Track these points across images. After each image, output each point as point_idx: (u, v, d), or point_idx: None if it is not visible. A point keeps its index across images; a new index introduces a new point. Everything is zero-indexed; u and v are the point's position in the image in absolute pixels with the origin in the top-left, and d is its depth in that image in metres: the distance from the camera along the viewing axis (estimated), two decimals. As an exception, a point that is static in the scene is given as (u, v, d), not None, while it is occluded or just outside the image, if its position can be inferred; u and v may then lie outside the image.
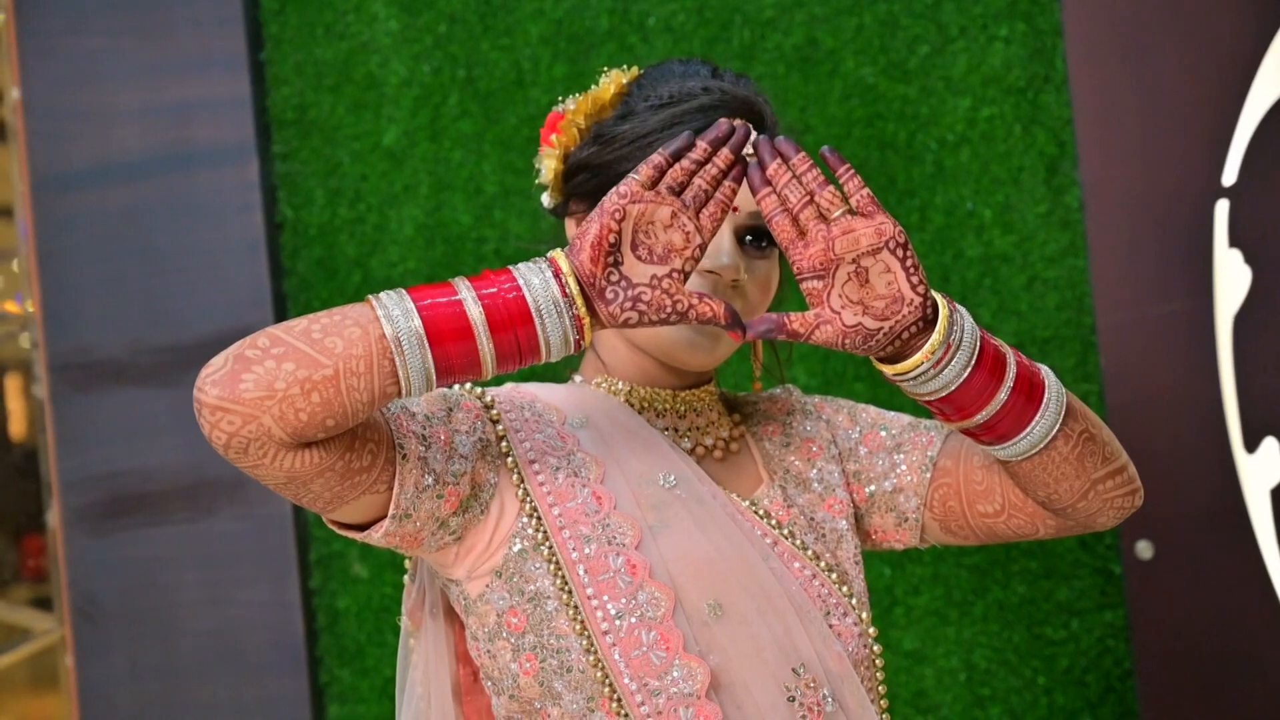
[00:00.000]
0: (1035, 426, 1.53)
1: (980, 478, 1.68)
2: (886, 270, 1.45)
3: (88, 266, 3.03)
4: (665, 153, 1.46)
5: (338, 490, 1.45)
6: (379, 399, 1.40)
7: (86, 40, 3.04)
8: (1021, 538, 1.71)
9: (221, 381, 1.37)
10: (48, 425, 3.04)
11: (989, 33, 2.85)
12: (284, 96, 3.04)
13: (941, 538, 1.75)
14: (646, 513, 1.57)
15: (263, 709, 2.95)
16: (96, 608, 3.00)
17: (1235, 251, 2.69)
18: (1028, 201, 2.83)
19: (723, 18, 2.92)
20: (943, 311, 1.48)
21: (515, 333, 1.41)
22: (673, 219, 1.45)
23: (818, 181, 1.47)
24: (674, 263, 1.45)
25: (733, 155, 1.47)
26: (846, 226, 1.45)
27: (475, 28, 2.99)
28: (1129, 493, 1.66)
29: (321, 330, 1.39)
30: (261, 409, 1.36)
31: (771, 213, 1.48)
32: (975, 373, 1.49)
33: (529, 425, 1.60)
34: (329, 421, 1.39)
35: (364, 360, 1.38)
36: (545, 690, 1.54)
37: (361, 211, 3.02)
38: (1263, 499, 2.66)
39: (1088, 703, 2.81)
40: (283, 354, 1.37)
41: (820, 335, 1.46)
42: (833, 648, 1.59)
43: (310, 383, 1.37)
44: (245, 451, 1.39)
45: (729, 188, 1.47)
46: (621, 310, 1.43)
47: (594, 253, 1.42)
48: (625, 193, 1.44)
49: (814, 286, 1.47)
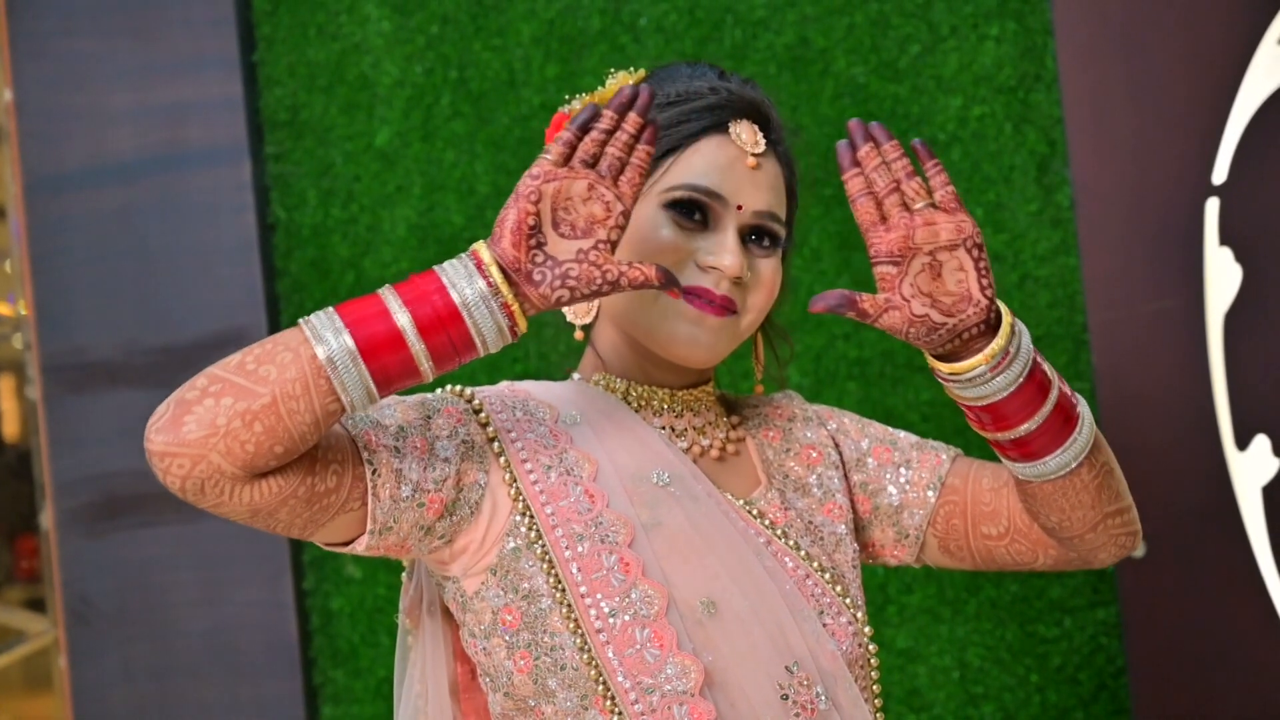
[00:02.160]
0: (1067, 450, 1.56)
1: (988, 499, 1.71)
2: (960, 268, 1.48)
3: (81, 267, 3.03)
4: (572, 127, 1.47)
5: (307, 516, 1.47)
6: (323, 419, 1.41)
7: (79, 41, 3.04)
8: (1019, 566, 1.74)
9: (165, 428, 1.39)
10: (41, 426, 3.05)
11: (980, 32, 2.86)
12: (276, 97, 3.04)
13: (938, 558, 1.77)
14: (640, 510, 1.57)
15: (257, 710, 2.95)
16: (90, 609, 3.00)
17: (1226, 250, 2.69)
18: (1019, 200, 2.83)
19: (714, 18, 2.92)
20: (1006, 319, 1.51)
21: (447, 333, 1.42)
22: (590, 191, 1.46)
23: (906, 170, 1.49)
24: (598, 234, 1.46)
25: (641, 119, 1.48)
26: (929, 218, 1.48)
27: (467, 28, 3.00)
28: (1131, 533, 1.69)
29: (255, 360, 1.41)
30: (207, 447, 1.38)
31: (857, 194, 1.50)
32: (1025, 385, 1.51)
33: (520, 424, 1.60)
34: (277, 448, 1.40)
35: (299, 383, 1.40)
36: (539, 688, 1.54)
37: (354, 212, 3.02)
38: (1254, 496, 2.67)
39: (1080, 700, 2.82)
40: (220, 390, 1.39)
41: (887, 320, 1.48)
42: (826, 646, 1.59)
43: (250, 413, 1.39)
44: (202, 491, 1.41)
45: (643, 151, 1.48)
46: (552, 290, 1.44)
47: (515, 238, 1.44)
48: (538, 173, 1.45)
49: (887, 271, 1.48)
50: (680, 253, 1.60)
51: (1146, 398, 2.72)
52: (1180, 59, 2.70)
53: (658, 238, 1.60)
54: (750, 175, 1.63)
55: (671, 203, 1.61)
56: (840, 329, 2.89)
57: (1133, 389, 2.73)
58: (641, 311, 1.62)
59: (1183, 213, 2.70)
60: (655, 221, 1.61)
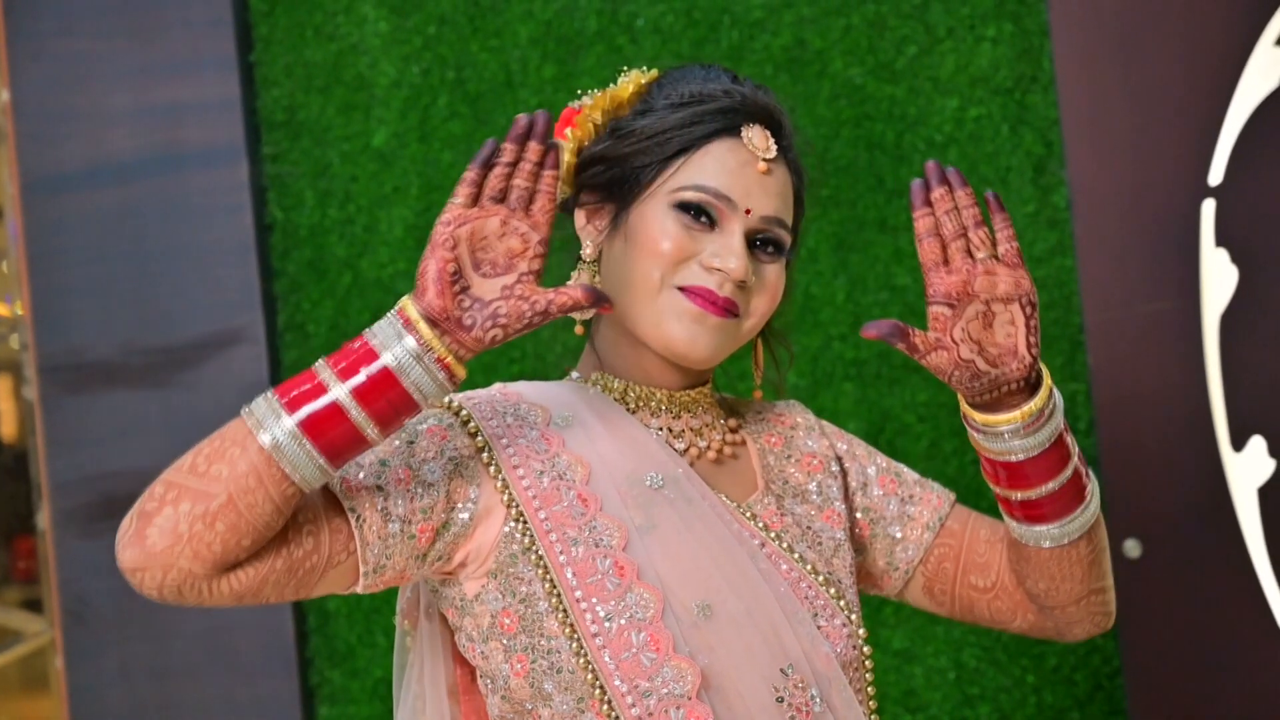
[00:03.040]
0: (1072, 521, 1.61)
1: (983, 550, 1.75)
2: (1011, 322, 1.52)
3: (78, 268, 3.03)
4: (474, 165, 1.47)
5: (294, 584, 1.48)
6: (283, 504, 1.43)
7: (77, 42, 3.04)
8: (994, 623, 1.78)
9: (130, 543, 1.41)
10: (38, 426, 3.05)
11: (976, 33, 2.86)
12: (274, 98, 3.05)
13: (919, 598, 1.80)
14: (634, 513, 1.57)
15: (254, 710, 2.95)
16: (87, 609, 3.00)
17: (1222, 251, 2.70)
18: (1015, 201, 2.84)
19: (711, 19, 2.93)
20: (1046, 381, 1.55)
21: (385, 398, 1.43)
22: (504, 226, 1.47)
23: (975, 219, 1.52)
24: (520, 268, 1.47)
25: (541, 145, 1.49)
26: (989, 268, 1.52)
27: (464, 29, 3.00)
28: (1107, 614, 1.74)
29: (206, 460, 1.42)
30: (174, 555, 1.41)
31: (924, 234, 1.52)
32: (1050, 450, 1.55)
33: (511, 430, 1.59)
34: (244, 542, 1.42)
35: (252, 475, 1.41)
36: (536, 691, 1.54)
37: (351, 212, 3.02)
38: (1250, 497, 2.67)
39: (1076, 701, 2.82)
40: (176, 497, 1.41)
41: (935, 359, 1.52)
42: (820, 648, 1.59)
43: (210, 515, 1.40)
44: (180, 595, 1.43)
45: (549, 176, 1.49)
46: (485, 331, 1.45)
47: (438, 287, 1.44)
48: (449, 219, 1.46)
49: (941, 312, 1.52)
50: (685, 252, 1.61)
51: (1143, 399, 2.73)
52: (1177, 60, 2.71)
53: (663, 236, 1.60)
54: (760, 180, 1.63)
55: (680, 203, 1.61)
56: (837, 330, 2.89)
57: (1129, 390, 2.74)
58: (643, 308, 1.62)
59: (1179, 214, 2.71)
60: (662, 220, 1.61)
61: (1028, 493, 1.58)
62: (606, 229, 1.66)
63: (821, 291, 2.89)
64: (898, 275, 2.88)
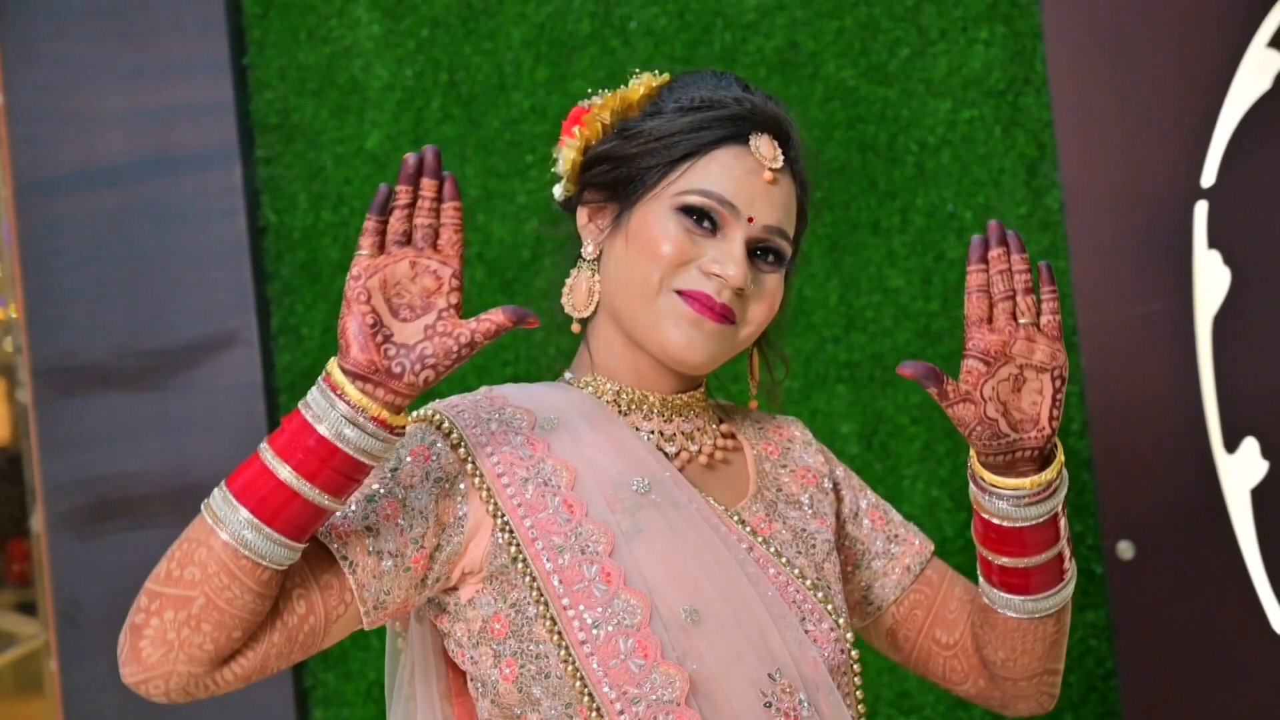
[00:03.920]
0: (1048, 598, 1.64)
1: (954, 608, 1.78)
2: (1039, 391, 1.55)
3: (72, 270, 3.03)
4: (371, 215, 1.46)
5: (299, 649, 1.49)
6: (263, 589, 1.43)
7: (70, 45, 3.04)
8: (943, 681, 1.81)
9: (128, 659, 1.44)
10: (32, 429, 3.04)
11: (969, 35, 2.86)
12: (267, 101, 3.05)
13: (879, 638, 1.83)
14: (620, 518, 1.57)
15: (247, 713, 2.95)
16: (81, 612, 3.00)
17: (1214, 253, 2.70)
18: (1008, 203, 2.84)
19: (704, 21, 2.93)
20: (1059, 456, 1.58)
21: (330, 468, 1.43)
22: (414, 267, 1.45)
23: (1025, 285, 1.55)
24: (438, 305, 1.45)
25: (435, 180, 1.47)
26: (1030, 334, 1.55)
27: (457, 32, 3.00)
28: (1052, 696, 1.79)
29: (178, 566, 1.43)
30: (170, 663, 1.43)
31: (974, 289, 1.55)
32: (1046, 524, 1.59)
33: (495, 438, 1.59)
34: (234, 634, 1.44)
35: (223, 573, 1.42)
36: (524, 696, 1.54)
37: (344, 215, 3.02)
38: (1243, 499, 2.68)
39: (1070, 702, 2.82)
40: (159, 607, 1.43)
41: (960, 410, 1.53)
42: (808, 653, 1.59)
43: (193, 619, 1.42)
44: (188, 694, 1.45)
45: (449, 208, 1.46)
46: (416, 375, 1.43)
47: (360, 342, 1.43)
48: (358, 272, 1.44)
49: (975, 367, 1.54)
50: (685, 255, 1.61)
51: (1136, 400, 2.73)
52: (1169, 63, 2.71)
53: (664, 238, 1.60)
54: (765, 189, 1.64)
55: (683, 206, 1.62)
56: (830, 332, 2.90)
57: (1122, 392, 2.74)
58: (640, 310, 1.62)
59: (1171, 216, 2.71)
60: (664, 222, 1.61)
61: (1015, 560, 1.61)
62: (608, 228, 1.67)
63: (814, 293, 2.90)
64: (891, 277, 2.88)
